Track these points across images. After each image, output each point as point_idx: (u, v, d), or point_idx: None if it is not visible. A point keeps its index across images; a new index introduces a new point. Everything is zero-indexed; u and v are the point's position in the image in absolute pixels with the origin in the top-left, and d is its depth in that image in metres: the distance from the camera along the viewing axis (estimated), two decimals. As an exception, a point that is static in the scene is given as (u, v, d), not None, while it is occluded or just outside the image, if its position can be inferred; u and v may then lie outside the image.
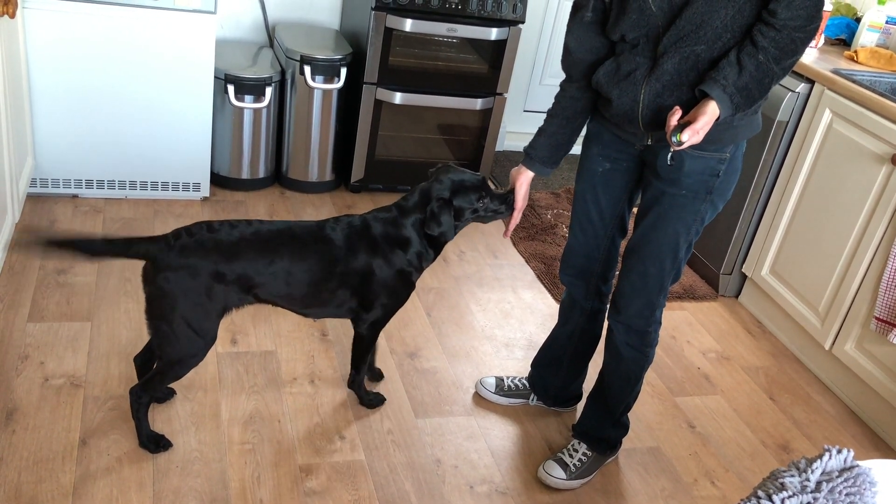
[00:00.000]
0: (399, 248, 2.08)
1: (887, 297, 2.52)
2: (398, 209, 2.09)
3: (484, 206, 2.08)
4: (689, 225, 1.91)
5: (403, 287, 2.14)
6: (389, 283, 2.09)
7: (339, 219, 2.09)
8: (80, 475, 1.96)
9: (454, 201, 2.04)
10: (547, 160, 2.04)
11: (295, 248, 1.99)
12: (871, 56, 3.06)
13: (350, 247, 2.04)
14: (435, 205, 2.03)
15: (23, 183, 2.90)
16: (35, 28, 2.83)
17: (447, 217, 2.03)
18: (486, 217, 2.11)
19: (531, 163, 2.05)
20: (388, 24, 3.23)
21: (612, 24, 1.81)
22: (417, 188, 2.09)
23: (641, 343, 2.08)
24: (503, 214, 2.10)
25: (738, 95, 1.68)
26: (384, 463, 2.17)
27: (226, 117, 3.24)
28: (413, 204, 2.07)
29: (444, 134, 3.63)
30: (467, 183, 2.06)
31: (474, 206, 2.07)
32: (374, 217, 2.10)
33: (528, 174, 2.06)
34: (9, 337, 2.36)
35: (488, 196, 2.07)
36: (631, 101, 1.81)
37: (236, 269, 1.91)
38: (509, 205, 2.07)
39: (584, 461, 2.22)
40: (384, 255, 2.07)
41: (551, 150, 2.03)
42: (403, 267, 2.09)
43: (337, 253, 2.03)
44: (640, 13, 1.73)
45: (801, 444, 2.56)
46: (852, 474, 1.24)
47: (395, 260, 2.08)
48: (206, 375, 2.35)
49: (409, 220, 2.07)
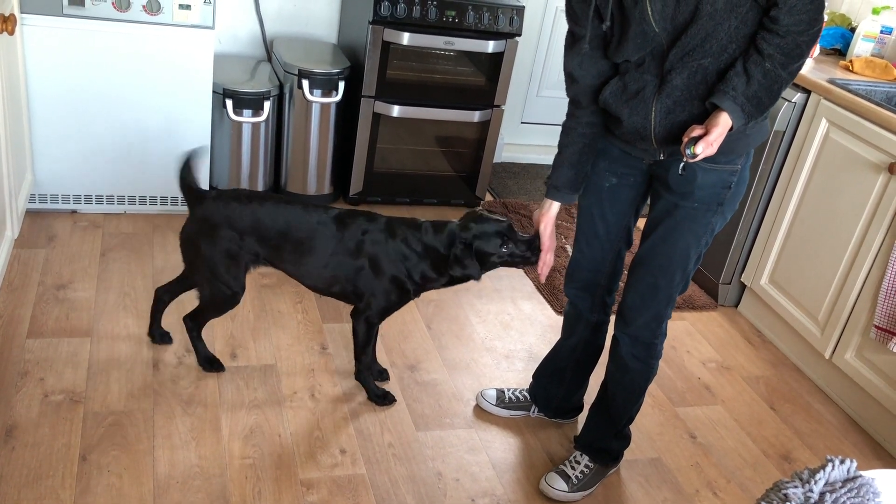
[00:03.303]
0: (403, 259, 2.18)
1: (886, 306, 2.52)
2: (424, 229, 2.19)
3: (509, 252, 2.12)
4: (700, 237, 1.91)
5: (395, 290, 2.22)
6: (381, 280, 2.20)
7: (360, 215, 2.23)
8: (80, 491, 1.95)
9: (476, 245, 2.12)
10: (574, 186, 2.02)
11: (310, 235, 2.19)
12: (866, 66, 3.07)
13: (359, 242, 2.19)
14: (458, 251, 2.11)
15: (22, 198, 2.90)
16: (34, 45, 2.84)
17: (470, 261, 2.11)
18: (515, 263, 2.16)
19: (557, 193, 2.02)
20: (386, 37, 3.25)
21: (614, 50, 1.81)
22: (448, 227, 2.17)
23: (647, 355, 2.08)
24: (531, 260, 2.13)
25: (748, 104, 1.68)
26: (385, 477, 2.17)
27: (224, 131, 3.24)
28: (439, 240, 2.16)
29: (442, 146, 3.64)
30: (490, 230, 2.13)
31: (499, 251, 2.13)
32: (399, 222, 2.22)
33: (551, 213, 2.04)
34: (8, 353, 2.36)
35: (513, 241, 2.12)
36: (642, 120, 1.81)
37: (254, 239, 2.18)
38: (535, 249, 2.10)
39: (586, 473, 2.21)
40: (385, 256, 2.18)
41: (577, 178, 2.01)
42: (398, 272, 2.19)
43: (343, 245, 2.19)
44: (643, 36, 1.73)
45: (803, 454, 2.55)
46: (856, 485, 1.24)
47: (394, 264, 2.18)
48: (205, 390, 2.35)
49: (426, 242, 2.17)
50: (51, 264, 2.80)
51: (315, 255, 2.21)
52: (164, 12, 2.90)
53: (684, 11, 1.66)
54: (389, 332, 2.77)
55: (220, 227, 2.18)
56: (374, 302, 2.24)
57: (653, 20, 1.69)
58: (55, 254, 2.86)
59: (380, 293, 2.23)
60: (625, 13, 1.73)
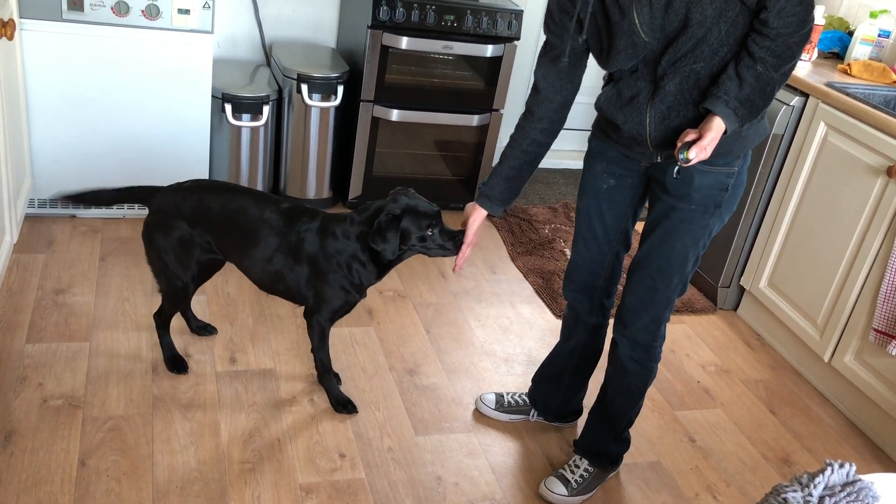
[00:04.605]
0: (337, 254, 2.15)
1: (885, 309, 2.52)
2: (350, 219, 2.15)
3: (432, 236, 2.09)
4: (698, 239, 1.91)
5: (335, 290, 2.19)
6: (320, 281, 2.18)
7: (305, 212, 2.20)
8: (78, 496, 1.95)
9: (403, 222, 2.07)
10: (504, 200, 2.04)
11: (256, 228, 2.18)
12: (864, 69, 3.08)
13: (298, 240, 2.16)
14: (383, 219, 2.05)
15: (21, 203, 2.91)
16: (33, 50, 2.84)
17: (392, 234, 2.05)
18: (432, 250, 2.11)
19: (488, 203, 2.03)
20: (385, 41, 3.25)
21: (604, 60, 1.82)
22: (374, 204, 2.13)
23: (646, 358, 2.08)
24: (450, 253, 2.10)
25: (741, 108, 1.69)
26: (384, 481, 2.16)
27: (223, 136, 3.25)
28: (364, 217, 2.12)
29: (441, 150, 3.65)
30: (421, 209, 2.09)
31: (422, 233, 2.08)
32: (331, 218, 2.18)
33: (483, 212, 2.05)
34: (7, 358, 2.36)
35: (438, 228, 2.09)
36: (637, 126, 1.81)
37: (203, 228, 2.19)
38: (457, 245, 2.07)
39: (586, 477, 2.21)
40: (322, 255, 2.15)
41: (509, 192, 2.03)
42: (335, 272, 2.16)
43: (285, 242, 2.17)
44: (633, 47, 1.73)
45: (803, 457, 2.55)
46: (855, 489, 1.24)
47: (330, 263, 2.15)
48: (204, 394, 2.35)
49: (356, 230, 2.12)
50: (50, 269, 2.80)
51: (259, 249, 2.18)
52: (163, 17, 2.90)
53: (674, 20, 1.66)
54: (388, 335, 2.77)
55: (171, 217, 2.20)
56: (323, 306, 2.22)
57: (641, 31, 1.69)
58: (54, 258, 2.86)
59: (325, 297, 2.20)
60: (611, 25, 1.73)
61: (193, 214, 2.19)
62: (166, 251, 2.23)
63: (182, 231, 2.20)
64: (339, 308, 2.24)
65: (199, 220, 2.19)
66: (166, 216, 2.21)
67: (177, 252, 2.22)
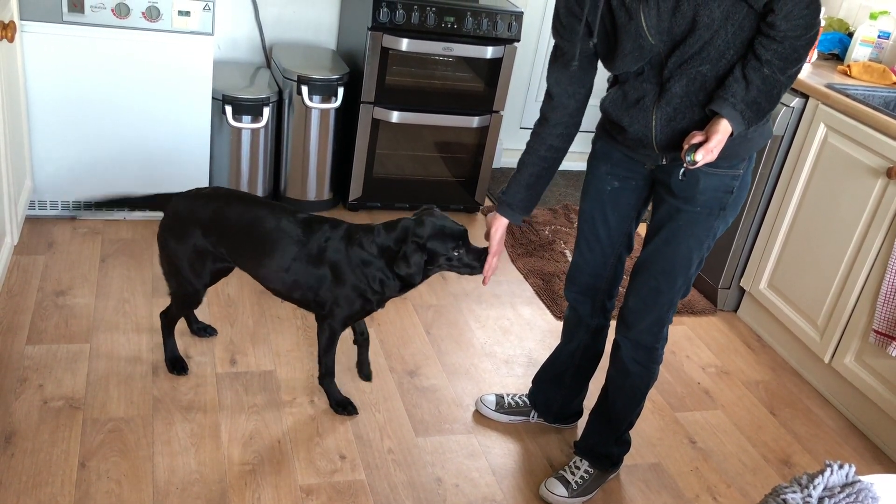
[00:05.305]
0: (362, 264, 2.15)
1: (886, 310, 2.52)
2: (377, 231, 2.16)
3: (458, 257, 2.10)
4: (702, 241, 1.91)
5: (354, 296, 2.19)
6: (341, 286, 2.18)
7: (326, 221, 2.21)
8: (79, 498, 1.95)
9: (429, 244, 2.09)
10: (525, 208, 2.04)
11: (274, 238, 2.18)
12: (864, 70, 3.08)
13: (320, 248, 2.17)
14: (409, 247, 2.08)
15: (21, 205, 2.91)
16: (34, 52, 2.85)
17: (417, 259, 2.08)
18: (459, 269, 2.13)
19: (509, 211, 2.04)
20: (385, 43, 3.25)
21: (610, 63, 1.81)
22: (401, 223, 2.14)
23: (648, 359, 2.08)
24: (476, 271, 2.12)
25: (748, 110, 1.69)
26: (385, 482, 2.16)
27: (224, 138, 3.25)
28: (393, 238, 2.13)
29: (441, 152, 3.65)
30: (447, 230, 2.10)
31: (448, 254, 2.10)
32: (356, 228, 2.19)
33: (504, 222, 2.05)
34: (7, 359, 2.36)
35: (464, 248, 2.10)
36: (643, 128, 1.81)
37: (217, 238, 2.19)
38: (482, 262, 2.09)
39: (586, 478, 2.21)
40: (346, 262, 2.15)
41: (530, 199, 2.03)
42: (358, 278, 2.16)
43: (305, 251, 2.17)
44: (639, 49, 1.73)
45: (803, 459, 2.55)
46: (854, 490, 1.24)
47: (354, 270, 2.16)
48: (205, 396, 2.35)
49: (381, 243, 2.14)
50: (50, 271, 2.80)
51: (277, 259, 2.18)
52: (164, 19, 2.90)
53: (681, 23, 1.66)
54: (389, 337, 2.77)
55: (187, 223, 2.20)
56: (337, 311, 2.22)
57: (648, 34, 1.70)
58: (54, 260, 2.86)
59: (342, 302, 2.20)
60: (618, 28, 1.73)
61: (209, 223, 2.19)
62: (179, 257, 2.23)
63: (196, 239, 2.20)
64: (353, 314, 2.24)
65: (215, 229, 2.19)
66: (182, 222, 2.21)
67: (191, 260, 2.22)
